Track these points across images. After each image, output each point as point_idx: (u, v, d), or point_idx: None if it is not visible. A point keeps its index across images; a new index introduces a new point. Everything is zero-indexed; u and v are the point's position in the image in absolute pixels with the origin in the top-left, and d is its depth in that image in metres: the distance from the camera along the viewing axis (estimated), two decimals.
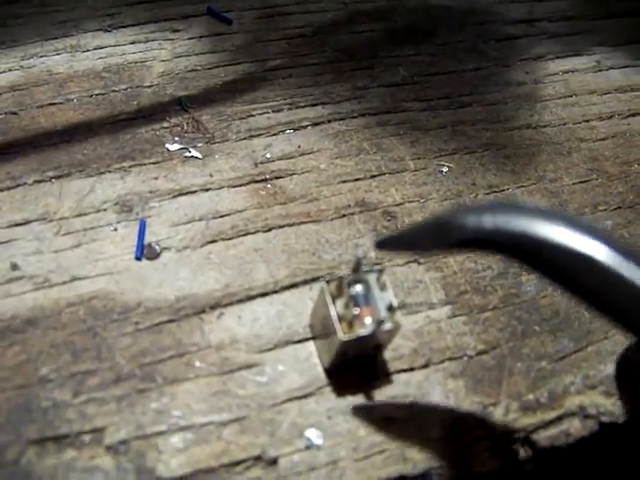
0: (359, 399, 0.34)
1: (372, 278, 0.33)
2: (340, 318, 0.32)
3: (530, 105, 0.50)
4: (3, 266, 0.36)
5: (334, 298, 0.32)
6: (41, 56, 0.46)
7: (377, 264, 0.39)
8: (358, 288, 0.32)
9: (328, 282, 0.32)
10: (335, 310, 0.32)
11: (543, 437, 0.35)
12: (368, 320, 0.32)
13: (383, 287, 0.33)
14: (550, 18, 0.57)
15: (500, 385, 0.36)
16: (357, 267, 0.32)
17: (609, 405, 0.36)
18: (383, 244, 0.30)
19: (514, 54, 0.53)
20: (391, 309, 0.32)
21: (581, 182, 0.46)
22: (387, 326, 0.31)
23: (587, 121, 0.50)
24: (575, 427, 0.35)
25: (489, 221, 0.23)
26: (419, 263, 0.39)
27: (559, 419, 0.36)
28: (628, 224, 0.44)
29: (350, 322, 0.31)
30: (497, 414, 0.35)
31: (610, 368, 0.37)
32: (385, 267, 0.33)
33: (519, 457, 0.35)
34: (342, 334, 0.31)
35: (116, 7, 0.49)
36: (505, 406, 0.35)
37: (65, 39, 0.47)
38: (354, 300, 0.32)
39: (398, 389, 0.35)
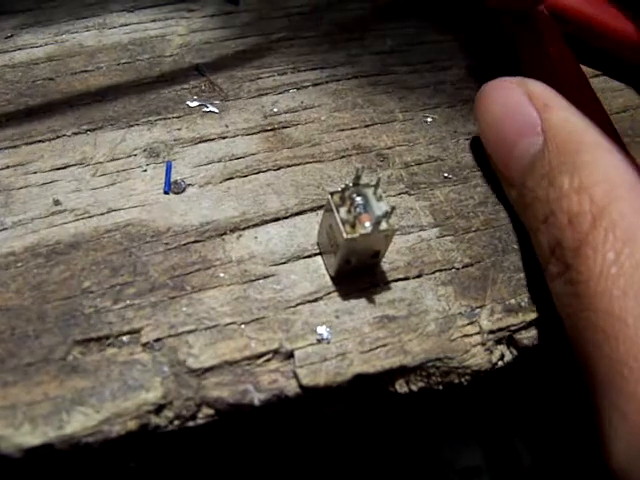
0: (363, 302, 0.39)
1: (369, 192, 0.38)
2: (344, 222, 0.36)
3: None
4: (47, 202, 0.40)
5: (338, 207, 0.37)
6: (73, 32, 0.51)
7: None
8: (358, 198, 0.37)
9: (332, 194, 0.37)
10: (339, 215, 0.37)
11: (525, 337, 0.40)
12: (367, 223, 0.37)
13: (379, 198, 0.37)
14: None
15: (485, 291, 0.40)
16: (357, 178, 0.37)
17: None
18: None
19: None
20: (387, 215, 0.37)
21: None
22: (384, 226, 0.36)
23: None
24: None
25: None
26: (409, 194, 0.45)
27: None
28: None
29: (352, 225, 0.36)
30: (484, 315, 0.39)
31: None
32: (380, 179, 0.38)
33: (505, 357, 0.40)
34: (346, 234, 0.36)
35: None
36: (490, 308, 0.39)
37: (93, 18, 0.52)
38: (355, 207, 0.37)
39: (396, 294, 0.39)
